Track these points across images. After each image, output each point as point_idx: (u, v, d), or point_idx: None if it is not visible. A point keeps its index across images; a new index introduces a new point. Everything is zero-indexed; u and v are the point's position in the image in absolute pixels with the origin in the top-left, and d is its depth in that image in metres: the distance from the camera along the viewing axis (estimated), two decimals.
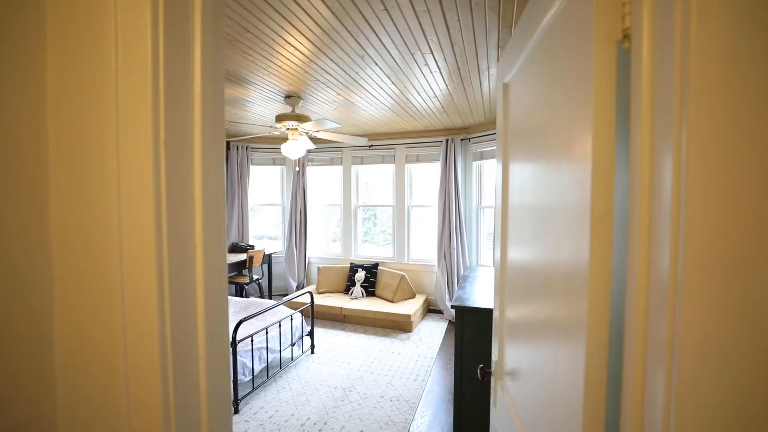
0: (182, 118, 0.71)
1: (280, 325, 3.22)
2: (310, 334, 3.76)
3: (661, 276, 0.49)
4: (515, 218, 1.17)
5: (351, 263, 5.29)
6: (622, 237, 0.62)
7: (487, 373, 1.45)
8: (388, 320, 4.43)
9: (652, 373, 0.51)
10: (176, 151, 0.70)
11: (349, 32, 2.11)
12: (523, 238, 1.08)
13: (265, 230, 6.46)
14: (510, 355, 1.22)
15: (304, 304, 3.87)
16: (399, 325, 4.40)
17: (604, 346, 0.64)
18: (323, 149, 5.67)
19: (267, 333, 3.07)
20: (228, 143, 5.61)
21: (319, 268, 5.31)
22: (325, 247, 6.15)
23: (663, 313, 0.49)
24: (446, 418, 2.71)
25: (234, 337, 2.68)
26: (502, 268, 1.32)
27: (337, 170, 5.74)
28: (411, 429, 2.60)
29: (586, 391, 0.64)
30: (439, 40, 2.21)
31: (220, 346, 0.81)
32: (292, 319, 3.45)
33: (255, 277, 5.12)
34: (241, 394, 2.85)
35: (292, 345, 3.54)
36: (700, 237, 0.45)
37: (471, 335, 2.05)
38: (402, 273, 4.86)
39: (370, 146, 5.36)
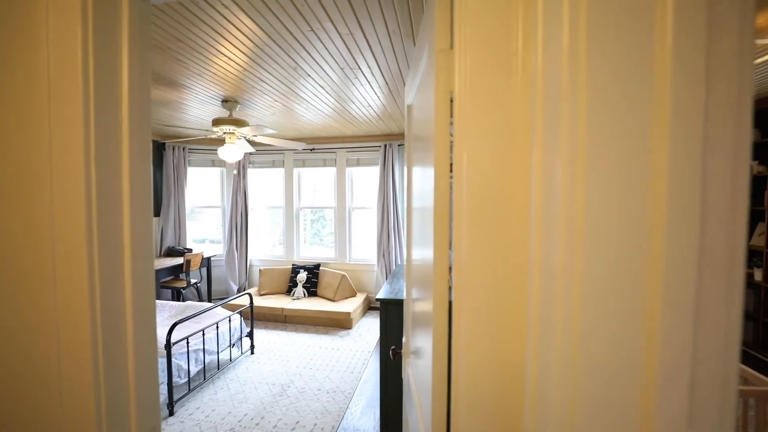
0: (112, 134, 0.85)
1: (217, 327, 3.26)
2: (250, 334, 3.81)
3: (459, 261, 0.73)
4: (414, 219, 1.41)
5: (293, 264, 5.37)
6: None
7: (398, 354, 1.69)
8: (328, 318, 4.59)
9: (457, 335, 0.75)
10: (106, 165, 0.83)
11: (280, 47, 2.26)
12: (416, 236, 1.32)
13: (207, 233, 6.29)
14: (413, 336, 1.46)
15: (243, 305, 3.91)
16: (339, 323, 4.57)
17: (444, 321, 0.87)
18: (264, 152, 5.68)
19: (204, 335, 3.10)
20: (163, 144, 5.43)
21: (260, 270, 5.32)
22: (271, 249, 6.13)
23: (458, 284, 0.72)
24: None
25: (168, 340, 2.69)
26: (408, 263, 1.56)
27: (279, 173, 5.79)
28: (345, 416, 2.79)
29: (433, 361, 0.87)
30: (365, 58, 2.43)
31: (148, 344, 0.92)
32: (230, 321, 3.49)
33: (193, 281, 5.01)
34: (176, 396, 2.85)
35: (231, 346, 3.57)
36: (467, 233, 0.69)
37: (394, 325, 2.29)
38: (343, 273, 5.04)
39: (311, 150, 5.48)
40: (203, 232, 6.30)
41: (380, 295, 2.37)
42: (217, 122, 3.35)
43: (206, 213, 6.21)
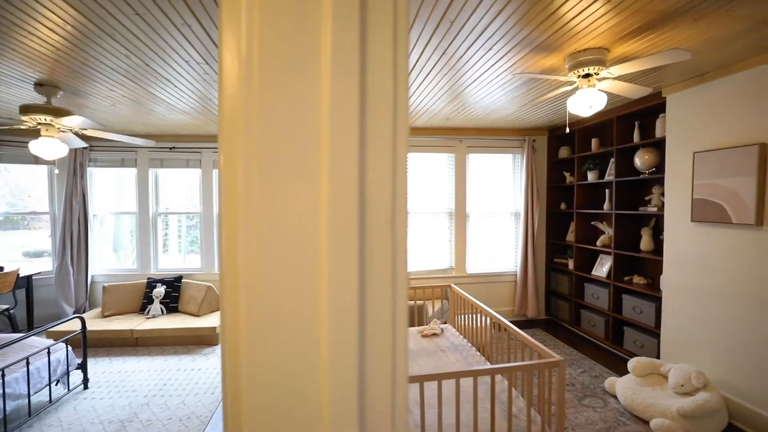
0: None
1: (28, 363, 2.64)
2: (82, 366, 3.19)
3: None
4: None
5: (149, 278, 4.71)
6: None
7: None
8: (190, 336, 4.14)
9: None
10: None
11: (103, 31, 1.94)
12: None
13: (44, 245, 5.06)
14: None
15: (74, 331, 3.26)
16: (203, 340, 4.16)
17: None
18: (111, 148, 4.86)
19: (3, 376, 2.47)
20: None
21: (104, 287, 4.52)
22: (130, 262, 5.22)
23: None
24: None
25: None
26: None
27: (131, 173, 5.02)
28: None
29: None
30: (212, 54, 2.25)
31: None
32: (49, 353, 2.86)
33: (3, 307, 3.99)
34: None
35: (54, 384, 2.94)
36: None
37: None
38: (209, 284, 4.61)
39: (171, 149, 4.90)
40: (36, 243, 5.08)
41: None
42: (26, 110, 2.72)
43: (43, 220, 5.00)
